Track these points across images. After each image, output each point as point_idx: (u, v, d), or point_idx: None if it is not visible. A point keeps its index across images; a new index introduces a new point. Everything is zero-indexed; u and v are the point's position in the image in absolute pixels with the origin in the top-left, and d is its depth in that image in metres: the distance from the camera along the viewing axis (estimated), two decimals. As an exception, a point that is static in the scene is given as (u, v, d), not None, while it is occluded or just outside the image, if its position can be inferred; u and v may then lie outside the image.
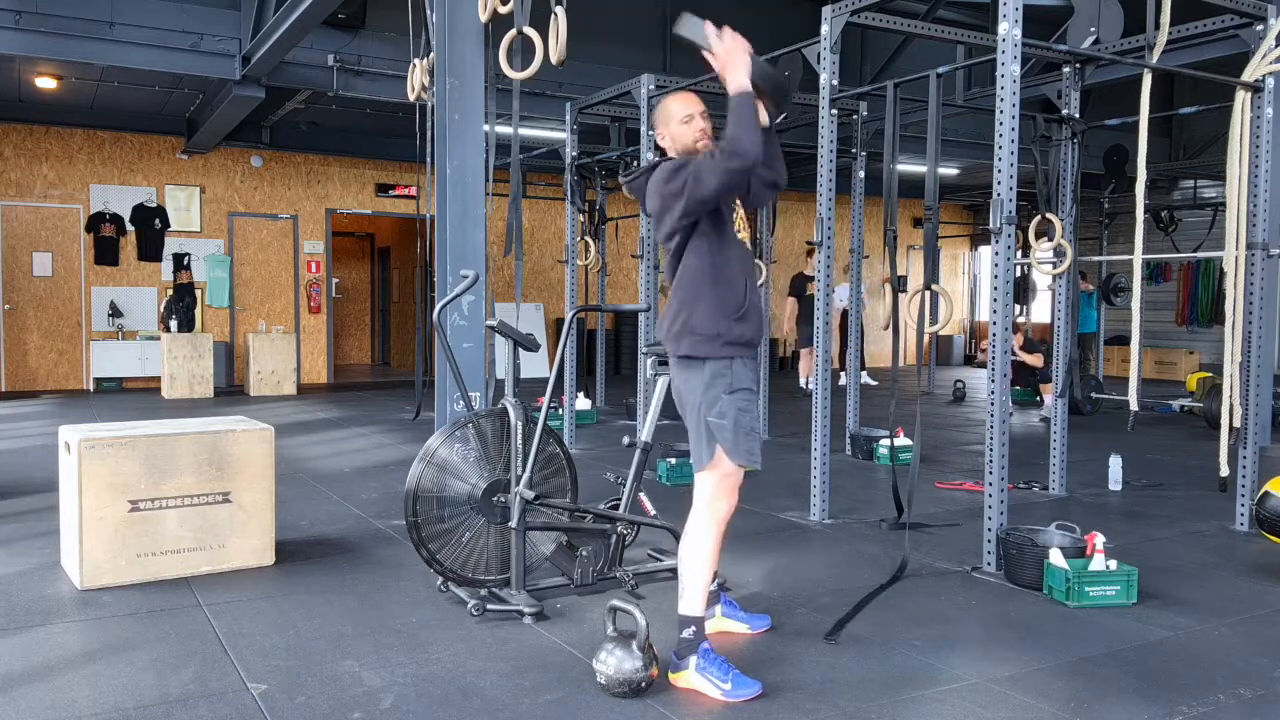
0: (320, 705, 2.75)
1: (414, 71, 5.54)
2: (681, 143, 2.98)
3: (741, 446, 2.91)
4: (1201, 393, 9.61)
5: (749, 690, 2.82)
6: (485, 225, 5.11)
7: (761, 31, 11.29)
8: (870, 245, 13.66)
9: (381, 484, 5.98)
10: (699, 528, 2.95)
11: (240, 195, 12.17)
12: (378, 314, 16.69)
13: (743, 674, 2.86)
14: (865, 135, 7.26)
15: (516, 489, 3.55)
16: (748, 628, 3.36)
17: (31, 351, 11.20)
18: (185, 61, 8.22)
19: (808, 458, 5.21)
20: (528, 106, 8.71)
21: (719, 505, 2.96)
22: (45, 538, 4.50)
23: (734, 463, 2.92)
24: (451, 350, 4.25)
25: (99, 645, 3.22)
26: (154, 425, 4.23)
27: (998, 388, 4.15)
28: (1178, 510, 5.49)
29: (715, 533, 2.95)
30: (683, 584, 2.95)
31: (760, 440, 3.01)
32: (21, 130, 10.97)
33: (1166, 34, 4.97)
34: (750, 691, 2.82)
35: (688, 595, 2.94)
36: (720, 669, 2.85)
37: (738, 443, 2.90)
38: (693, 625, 2.92)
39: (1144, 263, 5.72)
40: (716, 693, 2.82)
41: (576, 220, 8.55)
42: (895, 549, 4.39)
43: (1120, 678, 3.02)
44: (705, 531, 2.95)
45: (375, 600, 3.71)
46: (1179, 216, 13.48)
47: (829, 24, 5.10)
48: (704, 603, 2.95)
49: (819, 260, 5.18)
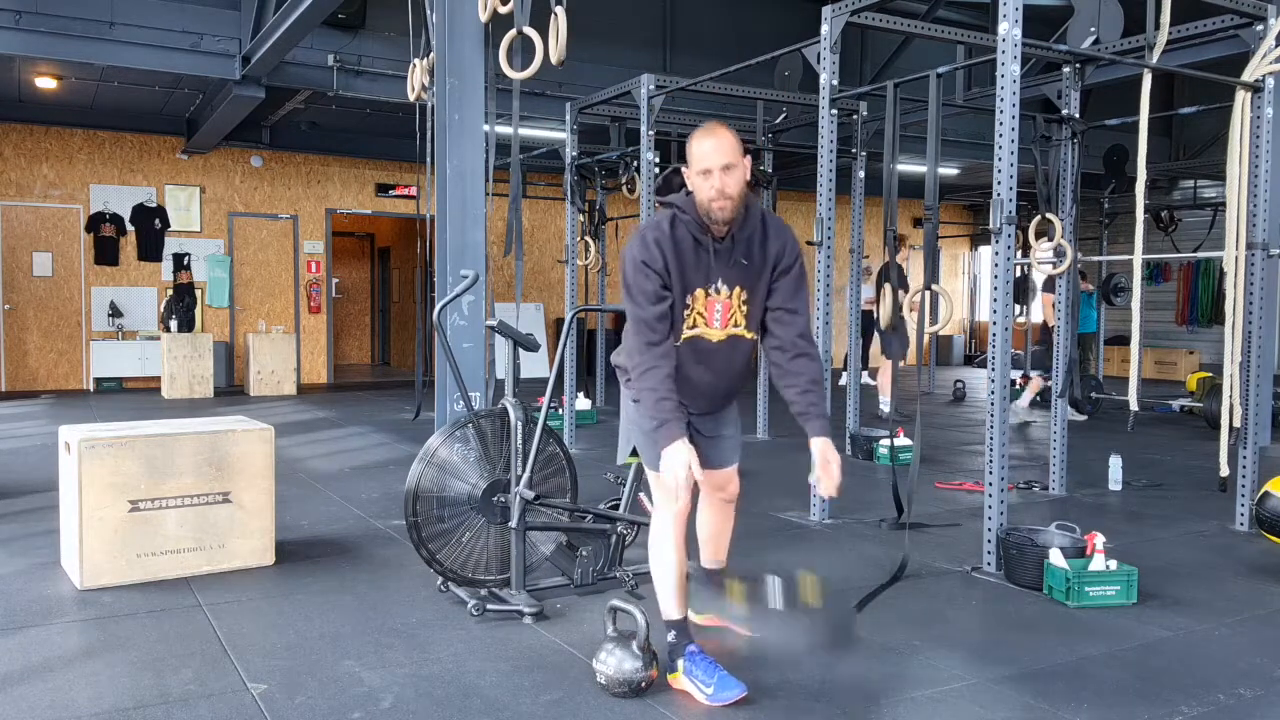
0: (320, 705, 2.75)
1: (414, 71, 5.54)
2: (697, 194, 2.67)
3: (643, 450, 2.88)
4: (1201, 393, 9.61)
5: (733, 693, 2.78)
6: (485, 225, 5.11)
7: (762, 31, 11.29)
8: (870, 245, 13.65)
9: (381, 484, 5.98)
10: (652, 533, 2.95)
11: (240, 195, 12.16)
12: (378, 314, 16.69)
13: (730, 676, 2.83)
14: (865, 135, 7.26)
15: (516, 489, 3.55)
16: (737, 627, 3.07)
17: (31, 351, 11.20)
18: (185, 61, 8.21)
19: (808, 458, 5.20)
20: (528, 106, 8.69)
21: (665, 509, 2.88)
22: (45, 538, 4.50)
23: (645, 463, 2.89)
24: (451, 350, 4.25)
25: (99, 645, 3.22)
26: (154, 425, 4.22)
27: (998, 388, 4.15)
28: (1178, 510, 5.49)
29: (666, 535, 2.88)
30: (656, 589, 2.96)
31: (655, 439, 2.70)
32: (21, 130, 10.97)
33: (1166, 34, 4.97)
34: (734, 694, 2.78)
35: (660, 599, 2.94)
36: (706, 671, 2.82)
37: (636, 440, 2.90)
38: (672, 629, 2.92)
39: (1144, 263, 5.71)
40: (701, 696, 2.80)
41: (576, 220, 8.55)
42: (895, 549, 4.39)
43: (1120, 678, 3.02)
44: (654, 536, 2.94)
45: (375, 600, 3.71)
46: (1179, 216, 13.49)
47: (829, 24, 5.10)
48: (678, 605, 2.91)
49: (819, 261, 5.18)
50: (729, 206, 2.65)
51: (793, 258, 2.79)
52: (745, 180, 2.69)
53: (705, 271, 2.72)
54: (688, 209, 2.72)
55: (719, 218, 2.66)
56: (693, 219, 2.71)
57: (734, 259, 2.73)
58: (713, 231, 2.71)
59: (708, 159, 2.63)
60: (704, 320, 2.75)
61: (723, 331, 2.77)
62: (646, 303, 2.68)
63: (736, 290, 2.76)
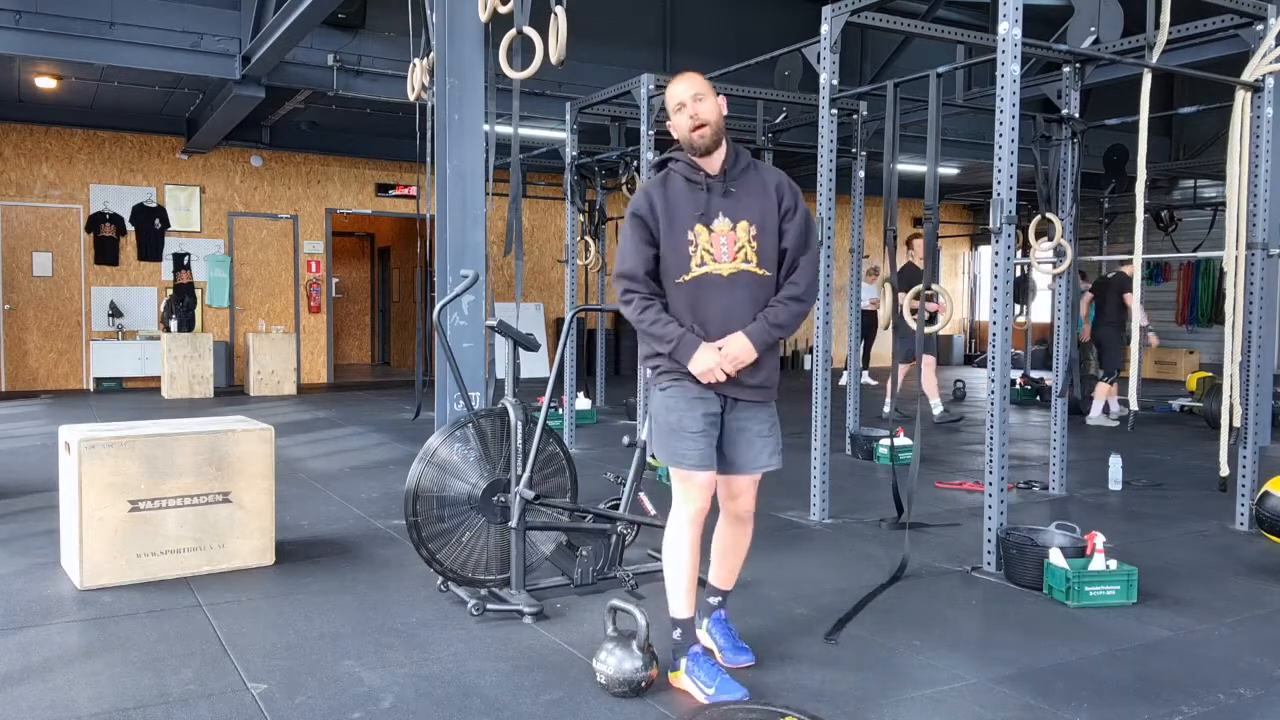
0: (320, 705, 2.75)
1: (414, 71, 5.54)
2: (679, 132, 2.90)
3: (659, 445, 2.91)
4: (1201, 392, 9.61)
5: (733, 696, 2.79)
6: (485, 225, 5.11)
7: (762, 31, 11.29)
8: (870, 245, 13.65)
9: (381, 484, 5.98)
10: (667, 530, 2.97)
11: (240, 195, 12.16)
12: (378, 314, 16.69)
13: (731, 679, 2.84)
14: (865, 135, 7.26)
15: (516, 489, 3.55)
16: (722, 658, 3.07)
17: (31, 351, 11.20)
18: (185, 61, 8.21)
19: (808, 457, 5.21)
20: (528, 106, 8.70)
21: (680, 508, 2.90)
22: (45, 538, 4.50)
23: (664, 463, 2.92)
24: (451, 350, 4.25)
25: (99, 645, 3.22)
26: (154, 425, 4.22)
27: (998, 388, 4.15)
28: (1178, 510, 5.49)
29: (681, 535, 2.90)
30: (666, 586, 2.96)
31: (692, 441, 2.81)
32: (21, 130, 10.97)
33: (1166, 34, 4.96)
34: (735, 697, 2.78)
35: (669, 597, 2.94)
36: (708, 673, 2.84)
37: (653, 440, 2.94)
38: (678, 627, 2.92)
39: (1144, 263, 5.71)
40: (702, 697, 2.81)
41: (576, 220, 8.54)
42: (895, 549, 4.39)
43: (1120, 678, 3.02)
44: (669, 534, 2.95)
45: (375, 600, 3.71)
46: (1179, 216, 13.49)
47: (829, 24, 5.09)
48: (687, 605, 2.92)
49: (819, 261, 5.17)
50: (707, 132, 2.83)
51: (794, 196, 2.94)
52: (721, 113, 2.87)
53: (703, 207, 2.86)
54: (679, 156, 2.93)
55: (701, 145, 2.84)
56: (684, 163, 2.91)
57: (727, 190, 2.87)
58: (704, 168, 2.87)
59: (679, 95, 2.86)
60: (711, 256, 2.83)
61: (731, 265, 2.83)
62: (633, 250, 2.86)
63: (744, 224, 2.85)
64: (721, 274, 2.82)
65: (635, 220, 2.86)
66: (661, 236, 2.84)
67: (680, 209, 2.85)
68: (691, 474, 2.82)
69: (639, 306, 2.83)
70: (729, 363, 2.78)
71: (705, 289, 2.82)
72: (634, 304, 2.84)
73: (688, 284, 2.83)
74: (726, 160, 2.88)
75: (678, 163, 2.92)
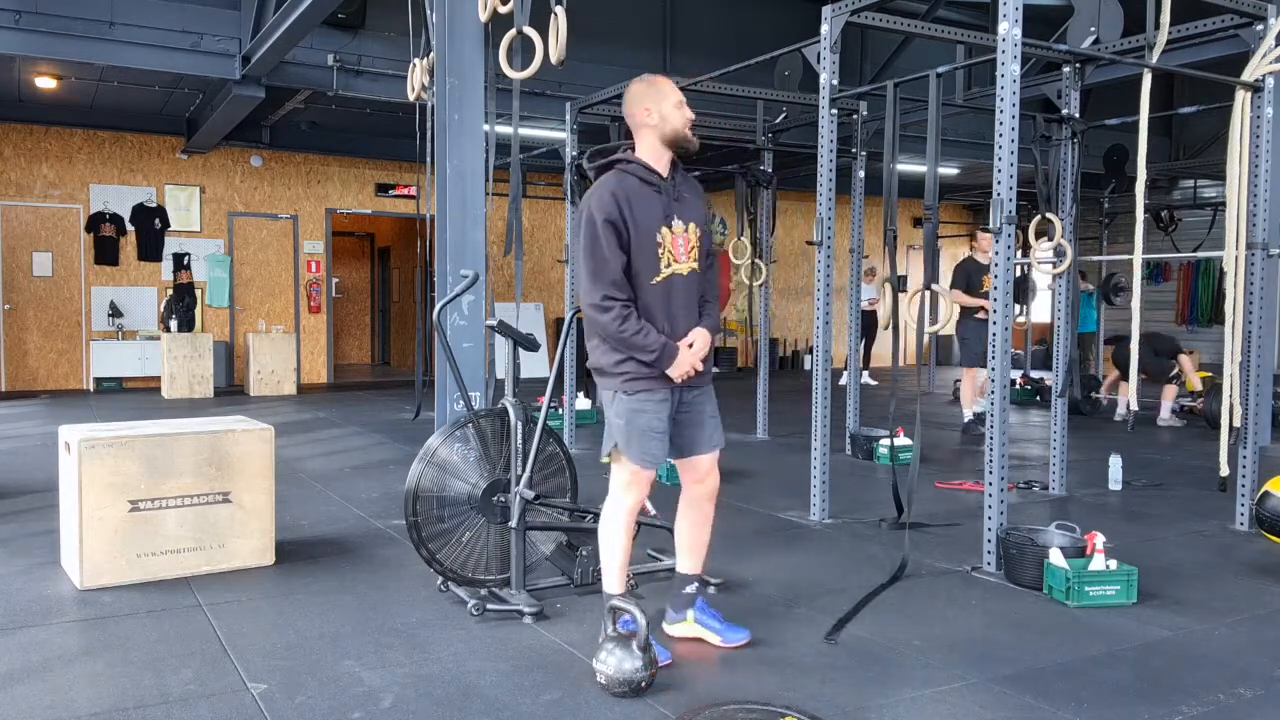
0: (320, 705, 2.75)
1: (414, 71, 5.53)
2: (671, 126, 2.95)
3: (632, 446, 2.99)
4: (1202, 392, 9.60)
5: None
6: (485, 225, 5.11)
7: (762, 31, 11.29)
8: (870, 245, 13.65)
9: (381, 484, 5.98)
10: (609, 517, 3.11)
11: (240, 195, 12.17)
12: (378, 314, 16.69)
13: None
14: (865, 135, 7.26)
15: (516, 489, 3.55)
16: (720, 639, 3.18)
17: (31, 351, 11.20)
18: (185, 61, 8.21)
19: (808, 457, 5.21)
20: (528, 106, 8.69)
21: (625, 498, 3.07)
22: (45, 538, 4.50)
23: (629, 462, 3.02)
24: (451, 350, 4.25)
25: (99, 645, 3.22)
26: (154, 425, 4.22)
27: (998, 387, 4.15)
28: (1178, 510, 5.49)
29: (622, 522, 3.08)
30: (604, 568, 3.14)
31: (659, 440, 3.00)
32: (21, 130, 10.97)
33: (1166, 34, 4.96)
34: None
35: (608, 577, 3.12)
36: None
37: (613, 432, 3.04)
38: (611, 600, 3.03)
39: (1144, 262, 5.71)
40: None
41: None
42: (895, 549, 4.39)
43: (1120, 678, 3.02)
44: (611, 521, 3.10)
45: (375, 600, 3.71)
46: (1179, 216, 13.48)
47: (829, 24, 5.09)
48: (619, 583, 3.09)
49: (819, 261, 5.17)
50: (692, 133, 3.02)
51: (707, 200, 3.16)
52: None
53: (663, 209, 2.95)
54: (630, 159, 2.98)
55: (691, 145, 2.99)
56: (639, 164, 2.97)
57: (679, 193, 3.02)
58: (659, 170, 2.98)
59: (675, 92, 2.97)
60: (673, 257, 2.97)
61: (687, 264, 3.01)
62: (611, 256, 2.89)
63: (692, 226, 3.03)
64: (682, 273, 3.00)
65: (609, 226, 2.88)
66: (630, 240, 2.91)
67: (645, 211, 2.93)
68: (650, 470, 3.02)
69: (619, 316, 2.87)
70: (698, 358, 2.96)
71: (672, 289, 2.98)
72: (614, 313, 2.87)
73: (659, 285, 2.95)
74: (674, 164, 3.04)
75: (630, 164, 2.97)
